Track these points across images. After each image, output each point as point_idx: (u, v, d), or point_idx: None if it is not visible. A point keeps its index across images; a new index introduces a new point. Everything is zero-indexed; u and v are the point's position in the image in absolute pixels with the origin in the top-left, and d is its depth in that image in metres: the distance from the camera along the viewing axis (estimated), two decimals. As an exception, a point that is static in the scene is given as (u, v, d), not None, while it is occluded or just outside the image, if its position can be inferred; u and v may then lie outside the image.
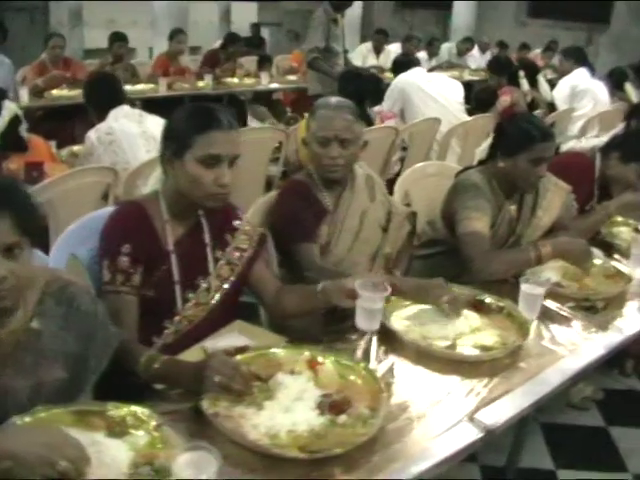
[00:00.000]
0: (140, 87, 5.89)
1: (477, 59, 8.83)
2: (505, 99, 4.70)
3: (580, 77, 5.50)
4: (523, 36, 10.65)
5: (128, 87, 5.75)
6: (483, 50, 9.22)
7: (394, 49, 8.08)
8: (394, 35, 9.17)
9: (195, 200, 1.67)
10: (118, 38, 6.07)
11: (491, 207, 2.28)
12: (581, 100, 5.20)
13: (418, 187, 2.66)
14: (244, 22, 12.70)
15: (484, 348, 1.75)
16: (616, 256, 2.48)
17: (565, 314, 2.00)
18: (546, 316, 1.97)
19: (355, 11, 10.24)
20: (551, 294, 2.05)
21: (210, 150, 1.60)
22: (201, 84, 6.28)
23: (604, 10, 10.80)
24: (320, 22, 5.05)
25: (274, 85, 6.75)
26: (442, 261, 2.42)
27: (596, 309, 2.02)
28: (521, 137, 2.24)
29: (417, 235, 2.46)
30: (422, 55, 8.21)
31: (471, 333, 1.81)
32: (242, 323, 1.78)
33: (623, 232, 2.74)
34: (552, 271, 2.20)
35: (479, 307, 1.94)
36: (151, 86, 5.94)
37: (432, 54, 8.08)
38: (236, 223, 1.84)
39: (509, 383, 1.63)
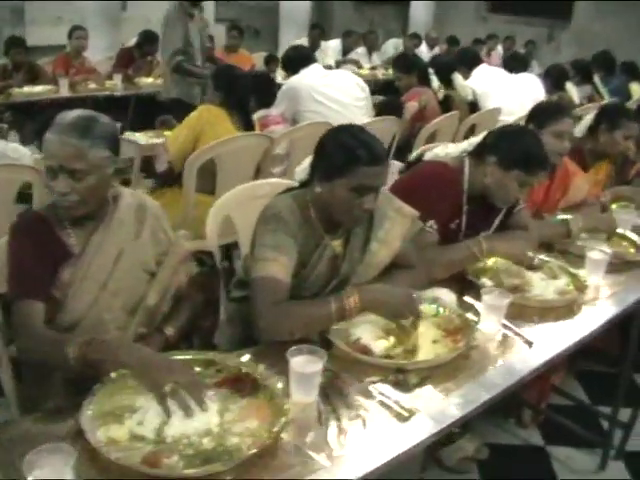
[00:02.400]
0: (39, 89, 5.39)
1: (425, 55, 8.30)
2: (412, 105, 4.14)
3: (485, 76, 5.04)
4: (484, 32, 10.25)
5: (26, 89, 5.33)
6: (431, 46, 8.73)
7: (333, 45, 7.60)
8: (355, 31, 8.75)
9: None
10: (15, 44, 5.53)
11: (298, 244, 1.78)
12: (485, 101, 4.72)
13: (243, 212, 2.16)
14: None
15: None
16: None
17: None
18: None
19: (301, 6, 9.73)
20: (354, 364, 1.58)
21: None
22: (109, 84, 5.80)
23: (565, 6, 10.45)
24: (175, 19, 4.53)
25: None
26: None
27: (407, 385, 1.53)
28: (341, 157, 1.73)
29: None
30: (361, 50, 7.74)
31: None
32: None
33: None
34: (365, 327, 1.71)
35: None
36: (49, 87, 5.44)
37: (371, 49, 7.58)
38: None
39: None
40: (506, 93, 4.84)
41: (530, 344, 1.75)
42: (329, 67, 7.12)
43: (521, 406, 2.77)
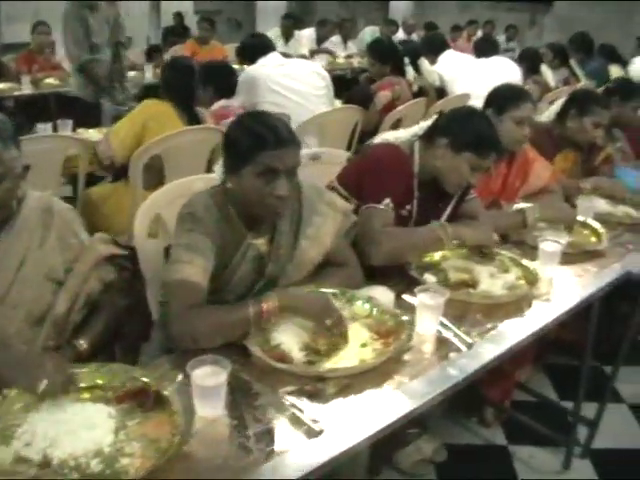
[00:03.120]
0: (1, 86, 5.24)
1: (403, 43, 8.18)
2: (385, 94, 3.96)
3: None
4: (466, 19, 10.11)
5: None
6: (409, 33, 8.56)
7: (307, 34, 7.44)
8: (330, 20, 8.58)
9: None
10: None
11: (216, 244, 1.66)
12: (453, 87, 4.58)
13: (175, 211, 2.02)
14: (180, 10, 12.08)
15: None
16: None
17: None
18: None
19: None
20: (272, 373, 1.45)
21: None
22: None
23: (547, -10, 10.30)
24: (71, 14, 4.36)
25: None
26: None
27: (324, 396, 1.40)
28: (243, 144, 1.62)
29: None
30: (336, 39, 7.60)
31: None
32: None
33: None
34: (289, 332, 1.58)
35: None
36: (11, 85, 5.29)
37: (347, 38, 7.43)
38: None
39: None
40: (475, 78, 4.69)
41: (469, 346, 1.63)
42: (303, 56, 6.99)
43: (483, 404, 2.65)
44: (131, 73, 5.74)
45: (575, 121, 2.85)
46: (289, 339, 1.56)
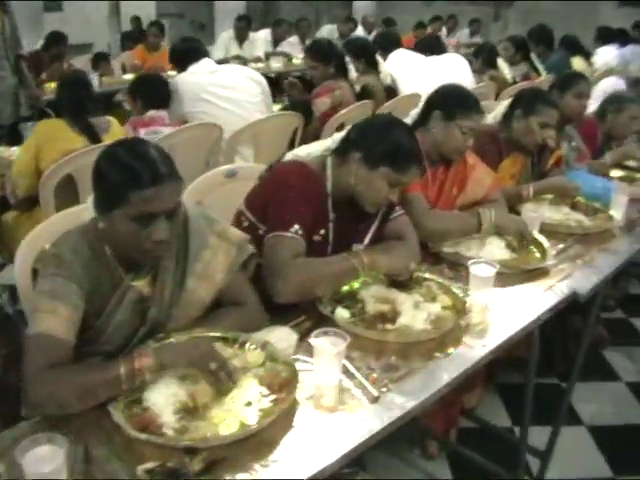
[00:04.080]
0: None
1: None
2: (323, 101, 3.67)
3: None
4: (429, 15, 9.92)
5: None
6: (369, 30, 8.34)
7: (262, 36, 7.20)
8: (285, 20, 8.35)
9: None
10: None
11: (85, 290, 1.42)
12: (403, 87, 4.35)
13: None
14: (141, 14, 11.81)
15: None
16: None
17: None
18: None
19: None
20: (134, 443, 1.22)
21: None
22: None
23: (509, -17, 10.14)
24: None
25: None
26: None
27: (187, 475, 1.17)
28: (112, 182, 1.38)
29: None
30: (293, 39, 7.36)
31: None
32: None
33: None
34: (164, 390, 1.35)
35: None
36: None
37: (304, 37, 7.20)
38: None
39: None
40: (424, 76, 4.47)
41: (375, 399, 1.41)
42: (258, 59, 6.76)
43: (426, 436, 2.44)
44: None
45: (521, 122, 2.64)
46: (162, 399, 1.33)
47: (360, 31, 8.23)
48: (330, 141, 1.99)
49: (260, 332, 1.57)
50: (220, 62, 6.72)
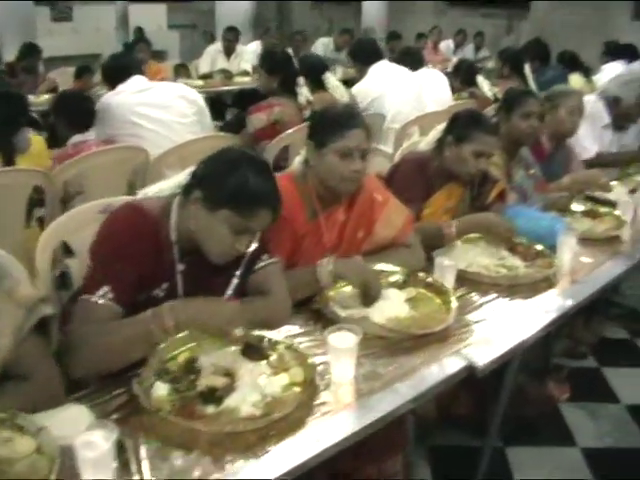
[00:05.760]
0: None
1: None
2: (258, 118, 3.33)
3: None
4: (442, 26, 9.62)
5: None
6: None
7: (252, 48, 6.95)
8: (316, 30, 8.13)
9: None
10: None
11: None
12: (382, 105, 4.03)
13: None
14: (152, 25, 11.75)
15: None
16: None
17: None
18: None
19: (236, 7, 9.12)
20: None
21: None
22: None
23: (523, -4, 9.78)
24: None
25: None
26: None
27: None
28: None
29: None
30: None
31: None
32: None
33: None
34: None
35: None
36: None
37: (297, 51, 6.93)
38: None
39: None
40: (401, 93, 4.16)
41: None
42: (245, 73, 6.51)
43: None
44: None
45: (453, 150, 2.32)
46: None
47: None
48: (182, 176, 1.69)
49: (49, 411, 1.29)
50: (205, 76, 6.60)
